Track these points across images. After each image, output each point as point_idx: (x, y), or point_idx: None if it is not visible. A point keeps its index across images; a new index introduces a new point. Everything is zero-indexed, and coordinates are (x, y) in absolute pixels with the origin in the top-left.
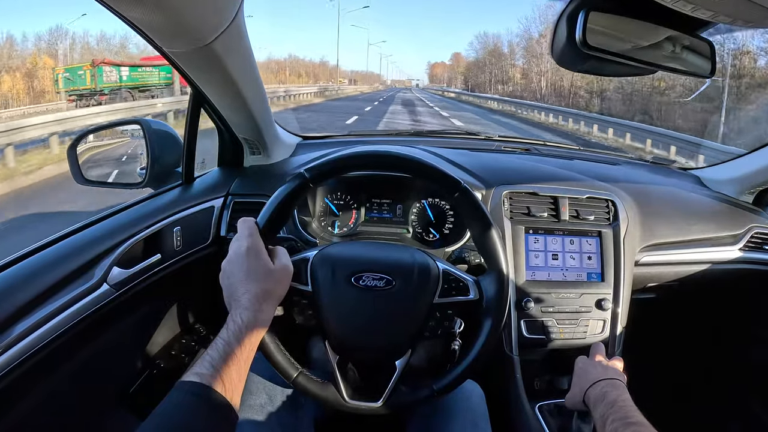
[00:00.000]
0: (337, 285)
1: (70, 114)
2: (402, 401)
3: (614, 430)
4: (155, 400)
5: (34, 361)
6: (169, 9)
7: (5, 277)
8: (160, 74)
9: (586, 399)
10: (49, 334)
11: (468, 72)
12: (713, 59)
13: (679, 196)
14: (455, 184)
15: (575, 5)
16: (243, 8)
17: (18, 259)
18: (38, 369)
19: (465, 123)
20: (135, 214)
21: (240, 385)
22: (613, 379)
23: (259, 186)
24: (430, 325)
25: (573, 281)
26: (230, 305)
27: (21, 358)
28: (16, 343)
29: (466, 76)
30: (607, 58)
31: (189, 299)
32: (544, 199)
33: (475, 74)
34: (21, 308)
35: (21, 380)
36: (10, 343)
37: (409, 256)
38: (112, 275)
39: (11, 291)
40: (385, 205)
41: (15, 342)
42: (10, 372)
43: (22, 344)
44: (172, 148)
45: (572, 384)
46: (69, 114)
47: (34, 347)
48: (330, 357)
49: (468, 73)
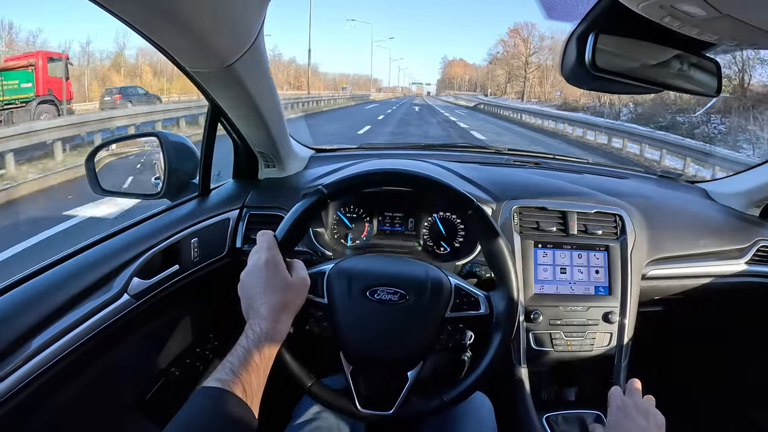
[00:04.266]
0: (353, 298)
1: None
2: (413, 411)
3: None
4: (171, 408)
5: (57, 369)
6: (194, 33)
7: (29, 287)
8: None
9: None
10: (72, 343)
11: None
12: (719, 78)
13: (686, 209)
14: (468, 202)
15: (584, 27)
16: (263, 31)
17: (41, 270)
18: (60, 377)
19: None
20: (154, 225)
21: (259, 392)
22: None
23: (274, 199)
24: (442, 338)
25: (581, 294)
26: (248, 315)
27: (45, 366)
28: (40, 351)
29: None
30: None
31: (204, 310)
32: (553, 214)
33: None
34: (45, 318)
35: (44, 387)
36: (35, 352)
37: (423, 271)
38: (132, 285)
39: (35, 301)
40: (397, 218)
41: (39, 351)
42: (34, 380)
43: (46, 353)
44: (188, 160)
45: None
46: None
47: (58, 356)
48: (344, 367)
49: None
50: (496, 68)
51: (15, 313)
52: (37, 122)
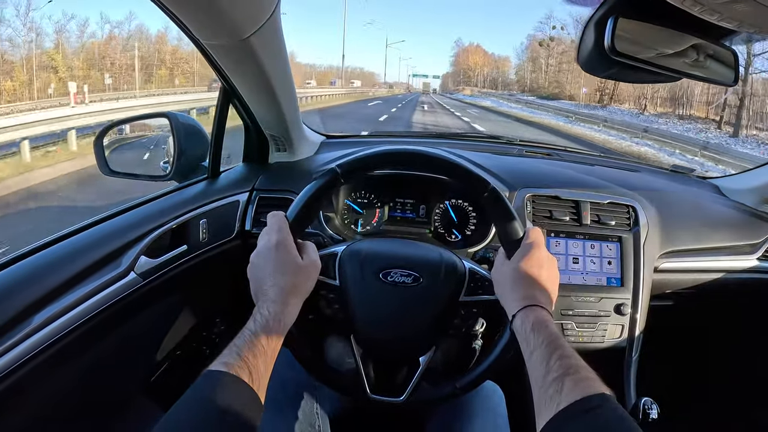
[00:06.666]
0: (366, 280)
1: None
2: (424, 397)
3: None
4: (176, 390)
5: (60, 345)
6: (211, 2)
7: (36, 261)
8: None
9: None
10: (77, 320)
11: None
12: (737, 68)
13: (698, 204)
14: (485, 184)
15: (604, 11)
16: (280, 4)
17: (48, 243)
18: (63, 353)
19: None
20: (163, 204)
21: (266, 375)
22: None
23: (284, 182)
24: (455, 322)
25: (593, 285)
26: (257, 297)
27: (47, 342)
28: (43, 327)
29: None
30: (633, 64)
31: (211, 292)
32: (566, 203)
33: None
34: (49, 293)
35: (45, 364)
36: (37, 327)
37: (437, 254)
38: (140, 264)
39: (41, 275)
40: (409, 204)
41: (42, 326)
42: (35, 356)
43: (49, 328)
44: (198, 143)
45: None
46: None
47: (62, 331)
48: (354, 350)
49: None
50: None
51: (18, 288)
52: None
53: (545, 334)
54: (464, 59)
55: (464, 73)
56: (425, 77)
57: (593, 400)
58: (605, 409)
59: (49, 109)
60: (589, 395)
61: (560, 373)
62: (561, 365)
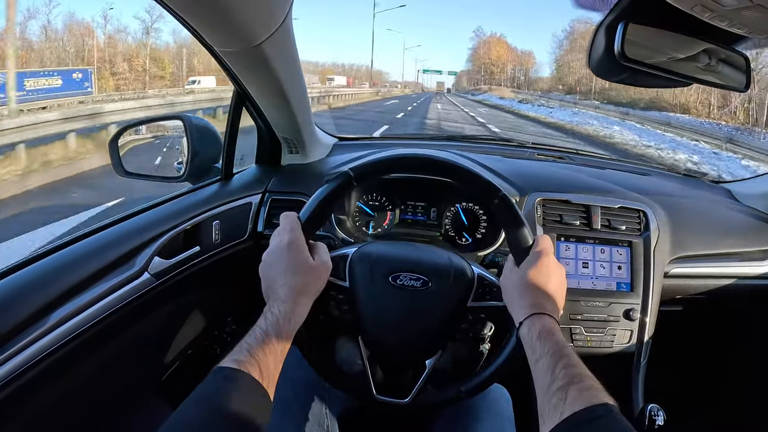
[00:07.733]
0: (375, 283)
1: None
2: (429, 400)
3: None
4: (187, 389)
5: (74, 345)
6: (224, 10)
7: (52, 261)
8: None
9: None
10: (91, 319)
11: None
12: (749, 73)
13: (710, 209)
14: (495, 190)
15: (614, 17)
16: (292, 10)
17: (65, 244)
18: (77, 352)
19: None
20: (176, 206)
21: (275, 374)
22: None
23: (296, 184)
24: (463, 327)
25: (602, 290)
26: (268, 297)
27: (62, 342)
28: (58, 326)
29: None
30: (644, 70)
31: (223, 293)
32: (577, 208)
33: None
34: (66, 291)
35: (59, 362)
36: (52, 327)
37: (446, 259)
38: (153, 264)
39: (58, 275)
40: (420, 207)
41: (57, 326)
42: (50, 354)
43: (63, 328)
44: (211, 144)
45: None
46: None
47: (77, 330)
48: (362, 352)
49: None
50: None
51: (35, 287)
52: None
53: (551, 342)
54: (485, 52)
55: (486, 68)
56: (438, 73)
57: (597, 410)
58: (609, 419)
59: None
60: (592, 405)
61: (565, 382)
62: (566, 374)
